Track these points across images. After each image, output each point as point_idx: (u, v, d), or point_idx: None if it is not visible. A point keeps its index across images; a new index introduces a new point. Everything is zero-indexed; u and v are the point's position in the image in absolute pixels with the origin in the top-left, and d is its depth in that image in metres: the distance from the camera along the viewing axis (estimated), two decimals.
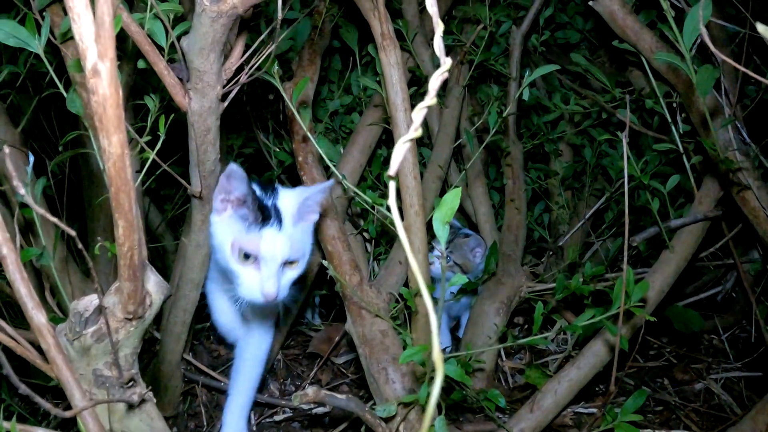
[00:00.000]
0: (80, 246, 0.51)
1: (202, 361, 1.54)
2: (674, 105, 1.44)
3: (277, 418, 1.43)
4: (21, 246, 1.06)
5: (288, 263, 1.13)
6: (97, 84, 0.43)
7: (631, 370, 1.54)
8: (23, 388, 0.47)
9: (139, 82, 1.27)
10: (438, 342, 0.30)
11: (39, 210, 0.49)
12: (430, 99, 0.37)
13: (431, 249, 1.54)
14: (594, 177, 1.89)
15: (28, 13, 0.91)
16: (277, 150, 1.73)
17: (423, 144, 1.86)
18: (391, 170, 0.34)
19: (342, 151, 1.66)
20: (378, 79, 1.55)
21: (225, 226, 1.11)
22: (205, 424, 1.43)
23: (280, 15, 0.88)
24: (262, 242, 1.08)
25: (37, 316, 0.57)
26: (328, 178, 1.52)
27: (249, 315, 1.35)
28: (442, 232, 0.68)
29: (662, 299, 1.33)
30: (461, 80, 1.75)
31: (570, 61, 1.77)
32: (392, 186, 0.35)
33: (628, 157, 1.31)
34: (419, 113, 0.36)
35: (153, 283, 0.65)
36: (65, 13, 1.05)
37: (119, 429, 0.68)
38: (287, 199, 1.15)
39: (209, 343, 1.65)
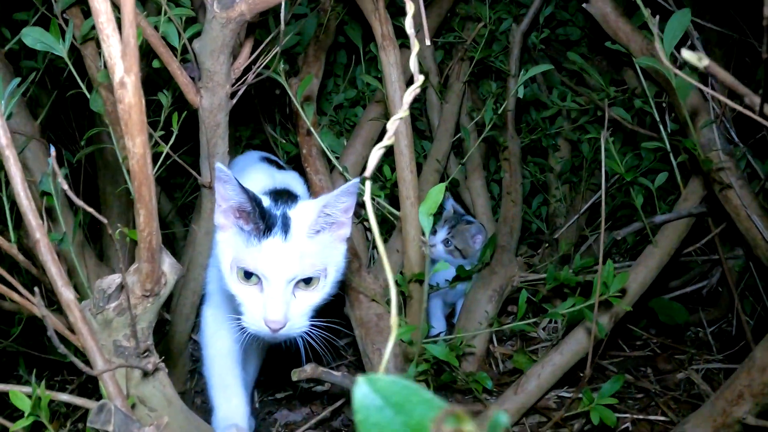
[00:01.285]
0: (110, 231, 0.59)
1: None
2: (663, 105, 1.50)
3: (278, 395, 1.51)
4: None
5: (303, 284, 0.94)
6: (124, 95, 0.50)
7: (617, 359, 1.61)
8: (62, 348, 0.55)
9: (151, 74, 1.34)
10: (396, 304, 0.37)
11: (79, 202, 0.56)
12: (403, 111, 0.44)
13: (434, 232, 1.62)
14: (591, 172, 1.94)
15: (53, 18, 0.98)
16: (284, 142, 1.80)
17: (424, 137, 1.92)
18: (367, 172, 0.41)
19: (345, 144, 1.73)
20: (380, 75, 1.61)
21: (226, 244, 0.96)
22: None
23: (283, 23, 0.94)
24: (261, 255, 0.90)
25: (66, 292, 0.65)
26: (331, 170, 1.59)
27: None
28: (426, 222, 0.76)
29: (649, 292, 1.39)
30: (461, 76, 1.81)
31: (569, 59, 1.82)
32: (368, 185, 0.42)
33: (612, 154, 1.38)
34: (393, 124, 0.43)
35: (168, 264, 0.73)
36: (85, 15, 1.13)
37: (135, 394, 0.76)
38: (304, 208, 0.98)
39: None
